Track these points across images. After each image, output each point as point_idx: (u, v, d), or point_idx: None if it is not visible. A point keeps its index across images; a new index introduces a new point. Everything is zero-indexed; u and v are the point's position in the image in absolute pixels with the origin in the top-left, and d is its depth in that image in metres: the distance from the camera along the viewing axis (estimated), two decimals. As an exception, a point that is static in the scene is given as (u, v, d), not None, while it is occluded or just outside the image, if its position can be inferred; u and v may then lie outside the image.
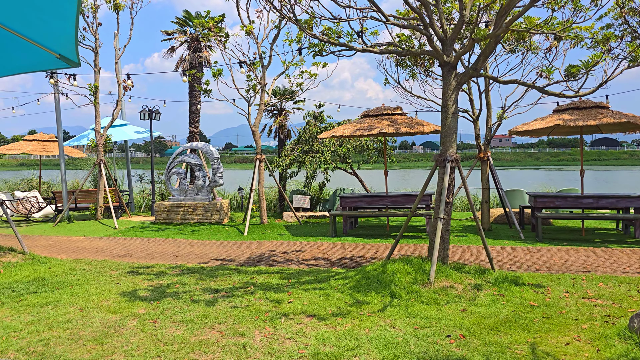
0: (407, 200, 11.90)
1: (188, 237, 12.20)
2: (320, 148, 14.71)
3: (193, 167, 14.57)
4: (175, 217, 14.31)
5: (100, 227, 13.98)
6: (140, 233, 12.97)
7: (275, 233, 12.55)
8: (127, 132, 16.30)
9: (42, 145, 18.54)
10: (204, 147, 14.41)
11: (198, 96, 16.65)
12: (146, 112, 16.04)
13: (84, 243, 11.74)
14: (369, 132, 11.12)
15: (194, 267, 8.78)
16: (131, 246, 11.23)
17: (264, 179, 13.63)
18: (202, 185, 14.34)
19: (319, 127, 15.08)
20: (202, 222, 14.17)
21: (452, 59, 7.13)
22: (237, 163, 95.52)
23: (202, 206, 14.11)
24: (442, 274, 6.96)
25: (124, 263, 9.30)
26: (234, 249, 10.63)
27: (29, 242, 11.91)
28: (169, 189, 14.63)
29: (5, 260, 8.99)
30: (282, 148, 16.61)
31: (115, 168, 19.94)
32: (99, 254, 10.34)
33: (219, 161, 14.16)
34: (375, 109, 12.01)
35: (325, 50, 7.78)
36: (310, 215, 14.62)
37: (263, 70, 13.08)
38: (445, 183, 7.12)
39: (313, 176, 14.77)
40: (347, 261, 9.17)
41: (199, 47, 16.57)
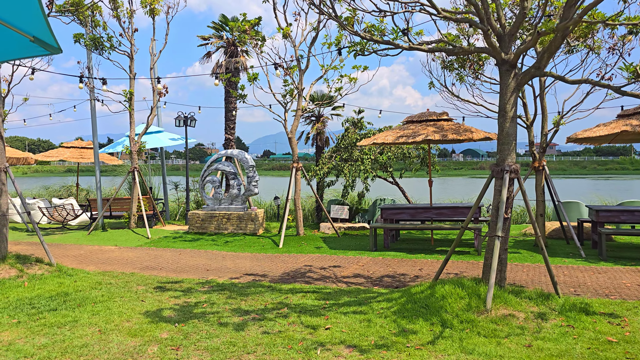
0: (453, 212, 11.04)
1: (221, 249, 11.67)
2: (359, 156, 14.00)
3: (228, 175, 14.09)
4: (209, 227, 13.84)
5: (133, 237, 13.63)
6: (172, 243, 12.54)
7: (311, 246, 11.88)
8: (161, 139, 16.01)
9: (79, 152, 18.49)
10: (239, 154, 13.91)
11: (234, 102, 16.22)
12: (181, 118, 15.70)
13: (115, 253, 11.36)
14: (412, 139, 10.35)
15: (224, 284, 8.19)
16: (162, 258, 10.77)
17: (300, 188, 13.00)
18: (237, 194, 13.83)
19: (358, 134, 14.38)
20: (237, 233, 13.65)
21: (511, 57, 6.33)
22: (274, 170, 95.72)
23: (237, 216, 13.60)
24: (499, 299, 6.12)
25: (152, 277, 8.80)
26: (268, 263, 10.01)
27: (60, 252, 11.63)
28: (203, 197, 14.18)
29: (31, 272, 8.63)
30: (319, 156, 15.98)
31: (150, 175, 19.73)
32: (128, 266, 9.90)
33: (254, 169, 13.63)
34: (419, 115, 11.23)
35: (367, 49, 7.10)
36: (349, 227, 13.90)
37: (300, 74, 12.49)
38: (504, 196, 6.29)
39: (352, 185, 14.07)
40: (389, 279, 8.41)
41: (235, 52, 16.17)
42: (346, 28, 6.73)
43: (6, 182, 8.95)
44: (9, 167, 9.01)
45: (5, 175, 8.91)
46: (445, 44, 6.84)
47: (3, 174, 8.85)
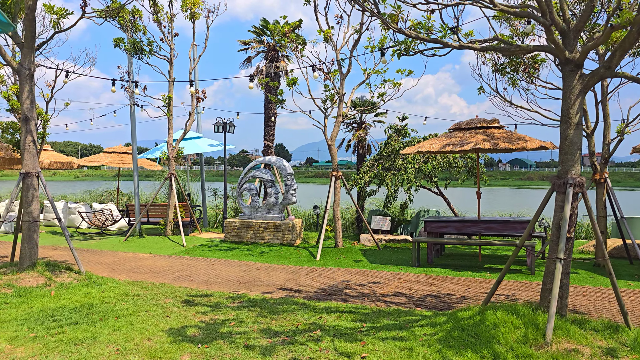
0: (503, 227, 10.22)
1: (256, 260, 11.22)
2: (403, 165, 13.33)
3: (265, 183, 13.68)
4: (245, 236, 13.44)
5: (169, 244, 13.38)
6: (207, 252, 12.18)
7: (350, 259, 11.27)
8: (200, 145, 15.78)
9: (120, 158, 18.52)
10: (277, 161, 13.48)
11: (273, 108, 15.84)
12: (220, 124, 15.43)
13: (148, 262, 11.08)
14: (460, 148, 9.63)
15: (255, 299, 7.70)
16: (195, 268, 10.40)
17: (339, 198, 12.43)
18: (274, 202, 13.39)
19: (401, 142, 13.71)
20: (273, 243, 13.19)
21: (576, 56, 5.59)
22: (316, 178, 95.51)
23: (274, 225, 13.14)
24: (561, 331, 5.36)
25: (181, 289, 8.40)
26: (304, 277, 9.47)
27: (94, 258, 11.46)
28: (240, 205, 13.81)
29: (59, 280, 8.38)
30: (361, 164, 15.39)
31: (188, 181, 19.58)
32: (160, 276, 9.56)
33: (292, 177, 13.16)
34: (467, 122, 10.49)
35: (412, 48, 6.49)
36: (390, 239, 13.22)
37: (341, 78, 11.95)
38: (566, 213, 5.54)
39: (394, 195, 13.40)
40: (433, 300, 7.71)
41: (276, 57, 15.82)
42: (390, 25, 6.15)
43: (38, 188, 8.78)
44: (41, 171, 8.83)
45: (37, 181, 8.73)
46: (500, 42, 6.16)
47: (35, 178, 8.68)
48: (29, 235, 8.62)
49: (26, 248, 8.61)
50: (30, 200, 8.63)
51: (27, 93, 8.55)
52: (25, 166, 8.61)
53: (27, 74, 8.54)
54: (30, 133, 8.62)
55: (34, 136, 8.68)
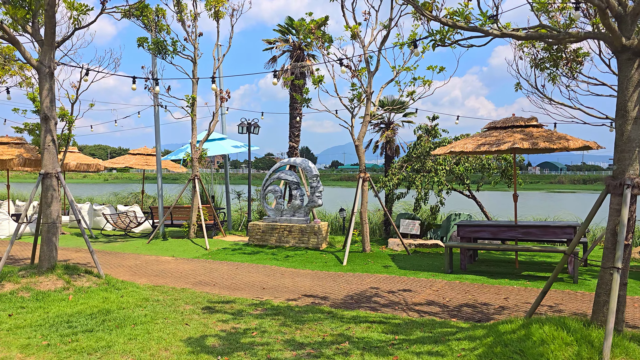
0: (543, 232, 9.60)
1: (280, 264, 10.82)
2: (433, 166, 12.78)
3: (290, 185, 13.29)
4: (269, 240, 13.06)
5: (192, 247, 13.09)
6: (230, 256, 11.84)
7: (379, 264, 10.78)
8: (224, 146, 15.50)
9: (144, 159, 18.41)
10: (302, 163, 13.08)
11: (298, 108, 15.47)
12: (244, 125, 15.12)
13: (171, 265, 10.79)
14: (497, 148, 9.07)
15: (279, 306, 7.29)
16: (217, 272, 10.06)
17: (367, 200, 11.95)
18: (300, 205, 12.99)
19: (432, 143, 13.17)
20: (298, 247, 12.78)
21: (634, 42, 5.03)
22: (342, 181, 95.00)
23: (299, 228, 12.73)
24: (619, 349, 4.80)
25: (203, 294, 8.05)
26: (330, 283, 9.03)
27: (116, 261, 11.22)
28: (264, 208, 13.46)
29: (78, 284, 8.11)
30: (389, 166, 14.88)
31: (212, 183, 19.33)
32: (181, 281, 9.24)
33: (318, 179, 12.74)
34: (503, 120, 9.92)
35: (449, 38, 6.00)
36: (420, 244, 12.68)
37: (369, 76, 11.49)
38: (624, 218, 4.98)
39: (424, 198, 12.85)
40: (469, 310, 7.18)
41: (302, 56, 15.45)
42: (424, 13, 5.68)
43: (58, 189, 8.54)
44: (61, 172, 8.59)
45: (57, 182, 8.50)
46: (548, 28, 5.62)
47: (54, 179, 8.45)
48: (48, 238, 8.38)
49: (45, 251, 8.38)
50: (50, 201, 8.40)
51: (46, 91, 8.32)
52: (45, 166, 8.39)
53: (47, 71, 8.32)
54: (50, 132, 8.39)
55: (54, 136, 8.45)
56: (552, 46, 9.25)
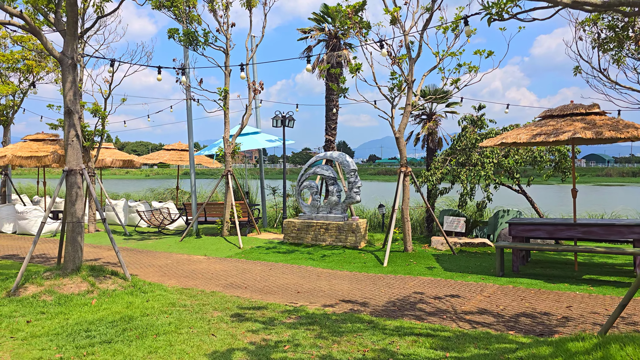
0: (607, 231, 8.65)
1: (317, 265, 10.20)
2: (479, 159, 11.89)
3: (327, 180, 12.64)
4: (305, 238, 12.46)
5: (225, 246, 12.62)
6: (264, 256, 11.30)
7: (422, 265, 10.02)
8: (258, 140, 14.97)
9: (179, 155, 18.11)
10: (339, 157, 12.40)
11: (335, 100, 14.78)
12: (279, 118, 14.54)
13: (202, 265, 10.32)
14: (555, 138, 8.17)
15: (315, 314, 6.66)
16: (250, 273, 9.52)
17: (409, 196, 11.18)
18: (337, 201, 12.32)
19: (478, 134, 12.26)
20: (335, 245, 12.13)
21: None
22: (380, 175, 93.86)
23: (336, 226, 12.08)
24: None
25: (233, 298, 7.50)
26: (370, 287, 8.34)
27: (147, 260, 10.84)
28: (300, 204, 12.86)
29: (103, 286, 7.69)
30: (431, 159, 14.05)
31: (247, 179, 18.88)
32: (212, 282, 8.73)
33: (356, 174, 12.05)
34: (561, 108, 8.99)
35: (507, 11, 5.19)
36: (465, 243, 11.83)
37: (411, 63, 10.70)
38: None
39: (470, 194, 11.98)
40: (528, 321, 6.37)
41: (338, 45, 14.75)
42: (479, -18, 4.89)
43: (82, 186, 8.14)
44: (85, 168, 8.18)
45: (81, 178, 8.10)
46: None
47: (79, 176, 8.04)
48: (72, 238, 7.99)
49: (70, 251, 7.99)
50: (74, 199, 8.01)
51: (69, 84, 7.91)
52: (69, 162, 7.99)
53: (70, 63, 7.91)
54: (74, 127, 7.98)
55: (78, 131, 8.04)
56: (617, 25, 8.27)
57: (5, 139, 17.69)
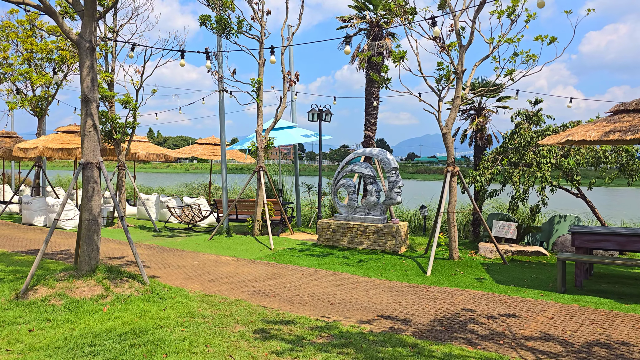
0: (691, 244, 7.45)
1: (352, 271, 9.33)
2: (535, 159, 10.75)
3: (365, 179, 11.74)
4: (340, 240, 11.60)
5: (255, 246, 11.89)
6: (296, 259, 10.50)
7: (470, 276, 9.01)
8: (293, 135, 14.19)
9: (211, 149, 17.54)
10: (379, 154, 11.48)
11: (375, 92, 13.84)
12: (315, 112, 13.71)
13: (230, 267, 9.60)
14: (632, 136, 7.04)
15: (349, 333, 5.79)
16: (280, 278, 8.73)
17: (456, 199, 10.15)
18: (376, 202, 11.41)
19: (533, 131, 11.10)
20: (373, 250, 11.22)
21: None
22: (418, 174, 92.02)
23: (374, 229, 11.17)
24: None
25: (259, 309, 6.72)
26: (412, 300, 7.42)
27: (173, 260, 10.20)
28: (336, 204, 12.00)
29: (118, 291, 7.04)
30: (479, 158, 12.95)
31: (281, 175, 18.12)
32: (237, 288, 7.98)
33: (397, 172, 11.11)
34: (637, 101, 7.82)
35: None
36: (517, 251, 10.73)
37: (461, 51, 9.66)
38: None
39: (524, 197, 10.85)
40: (604, 352, 5.34)
41: (379, 34, 13.79)
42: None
43: (99, 181, 7.51)
44: (102, 162, 7.55)
45: (98, 172, 7.46)
46: None
47: (96, 170, 7.41)
48: (88, 236, 7.37)
49: (85, 251, 7.38)
50: (91, 195, 7.38)
51: (87, 69, 7.28)
52: (85, 155, 7.37)
53: (88, 46, 7.27)
54: (91, 117, 7.34)
55: (95, 120, 7.40)
56: None
57: (39, 130, 17.50)
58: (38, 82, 15.56)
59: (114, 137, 14.48)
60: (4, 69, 16.03)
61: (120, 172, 14.86)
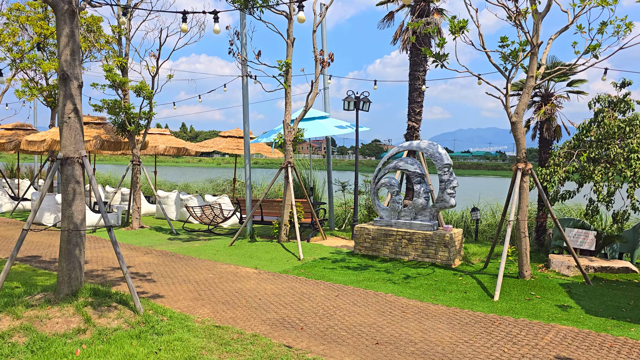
0: None
1: (399, 291, 7.57)
2: (621, 154, 8.75)
3: (411, 178, 9.95)
4: (381, 249, 9.85)
5: (281, 255, 10.23)
6: (330, 272, 8.79)
7: (550, 302, 7.12)
8: (326, 127, 12.46)
9: (235, 143, 16.00)
10: (428, 147, 9.66)
11: (421, 77, 11.99)
12: (351, 100, 11.93)
13: (250, 283, 7.96)
14: None
15: (408, 403, 4.05)
16: (309, 301, 7.04)
17: (527, 203, 8.22)
18: (424, 204, 9.61)
19: (620, 121, 9.10)
20: (421, 262, 9.43)
21: None
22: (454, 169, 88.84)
23: (423, 237, 9.38)
24: None
25: (281, 352, 5.06)
26: (483, 339, 5.62)
27: (183, 273, 8.63)
28: (376, 207, 10.24)
29: (101, 323, 5.46)
30: (546, 153, 10.96)
31: (311, 170, 16.40)
32: (257, 315, 6.33)
33: (450, 170, 9.29)
34: None
35: None
36: (600, 267, 8.78)
37: (538, 19, 7.74)
38: None
39: (609, 200, 8.86)
40: None
41: (426, 9, 11.93)
42: None
43: (82, 180, 5.94)
44: (86, 156, 5.96)
45: (81, 170, 5.90)
46: None
47: (77, 167, 5.84)
48: (68, 251, 5.83)
49: (64, 269, 5.84)
50: (71, 198, 5.82)
51: (66, 38, 5.71)
52: (64, 148, 5.81)
53: (66, 9, 5.70)
54: (71, 99, 5.77)
55: (77, 104, 5.83)
56: None
57: (52, 122, 16.25)
58: (47, 68, 14.24)
59: (127, 128, 13.05)
60: (13, 54, 14.77)
61: (134, 167, 13.42)
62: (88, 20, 15.22)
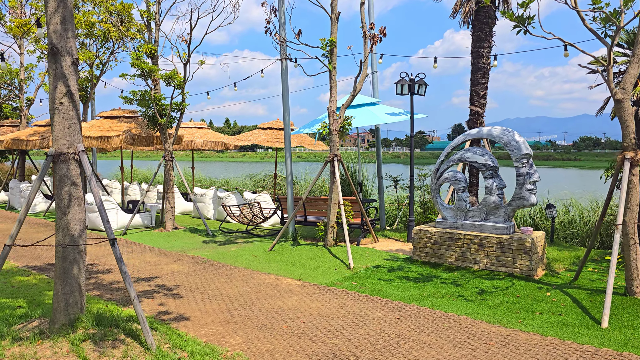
0: None
1: (475, 313, 6.10)
2: None
3: (481, 172, 8.42)
4: (445, 255, 8.37)
5: (328, 262, 8.90)
6: (386, 285, 7.39)
7: (678, 331, 5.51)
8: (376, 114, 11.01)
9: (275, 135, 14.77)
10: (502, 134, 8.10)
11: (486, 54, 10.38)
12: (405, 82, 10.43)
13: (292, 300, 6.67)
14: None
15: None
16: (365, 325, 5.67)
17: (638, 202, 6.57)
18: (497, 203, 8.06)
19: None
20: (496, 271, 7.91)
21: None
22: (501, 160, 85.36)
23: (497, 241, 7.84)
24: None
25: (333, 414, 3.71)
26: (608, 394, 4.11)
27: (215, 284, 7.42)
28: (438, 206, 8.76)
29: (102, 365, 4.26)
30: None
31: (360, 163, 14.95)
32: (299, 347, 5.02)
33: (530, 161, 7.72)
34: None
35: None
36: None
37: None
38: None
39: None
40: None
41: (492, -25, 10.29)
42: None
43: (79, 180, 4.76)
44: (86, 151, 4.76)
45: (77, 168, 4.71)
46: None
47: (73, 164, 4.65)
48: (63, 270, 4.67)
49: (59, 292, 4.69)
50: (66, 204, 4.65)
51: (54, 2, 4.52)
52: (57, 141, 4.64)
53: (55, -35, 4.50)
54: (64, 79, 4.59)
55: (71, 85, 4.64)
56: None
57: (84, 117, 15.45)
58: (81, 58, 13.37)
59: (158, 121, 12.00)
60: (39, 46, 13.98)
61: (167, 163, 12.37)
62: (118, 7, 14.30)
